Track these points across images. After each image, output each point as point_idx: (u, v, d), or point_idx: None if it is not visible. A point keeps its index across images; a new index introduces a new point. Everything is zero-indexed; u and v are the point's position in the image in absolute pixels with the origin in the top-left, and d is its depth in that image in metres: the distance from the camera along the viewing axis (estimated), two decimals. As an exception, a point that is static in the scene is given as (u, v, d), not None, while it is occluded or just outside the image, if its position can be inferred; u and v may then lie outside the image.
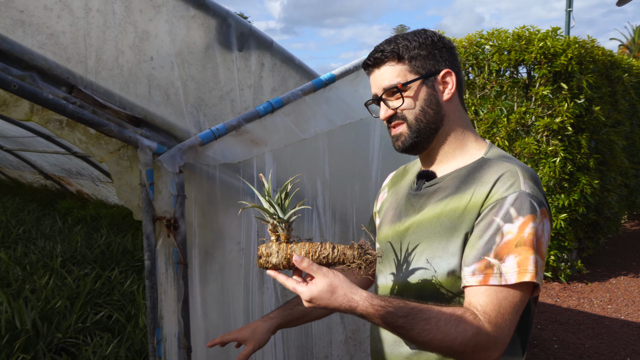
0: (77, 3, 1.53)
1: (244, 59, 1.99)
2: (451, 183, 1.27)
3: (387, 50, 1.27)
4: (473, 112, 5.73)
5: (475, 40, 5.76)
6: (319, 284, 1.11)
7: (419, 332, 1.10)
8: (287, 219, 1.17)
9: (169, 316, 1.79)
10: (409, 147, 1.30)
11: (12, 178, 9.37)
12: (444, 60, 1.29)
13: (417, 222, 1.29)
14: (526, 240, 1.12)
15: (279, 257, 1.16)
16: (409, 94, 1.27)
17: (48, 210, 6.97)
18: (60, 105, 1.48)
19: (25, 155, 7.39)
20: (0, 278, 4.19)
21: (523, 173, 1.19)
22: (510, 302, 1.12)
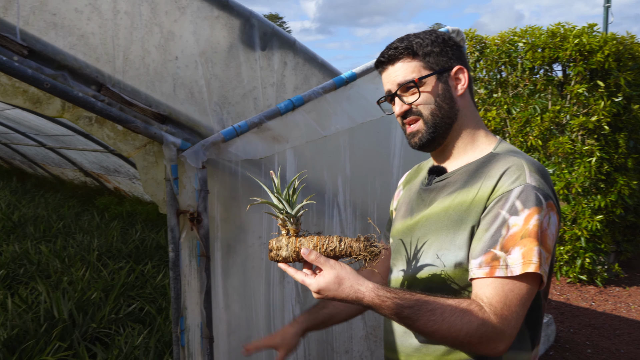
0: (106, 6, 1.61)
1: (267, 58, 2.04)
2: (460, 177, 1.29)
3: (401, 47, 1.30)
4: (505, 111, 5.63)
5: (508, 37, 5.67)
6: (327, 275, 1.14)
7: (424, 322, 1.12)
8: (295, 214, 1.20)
9: (192, 307, 1.85)
10: (426, 143, 1.32)
11: (54, 175, 9.74)
12: (455, 57, 1.33)
13: (426, 216, 1.31)
14: (531, 232, 1.13)
15: (289, 251, 1.19)
16: (425, 88, 1.29)
17: (87, 206, 7.23)
18: (89, 102, 1.56)
19: (66, 153, 7.68)
20: (41, 270, 4.38)
21: (529, 166, 1.20)
22: (516, 294, 1.12)
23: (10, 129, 7.41)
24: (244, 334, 1.99)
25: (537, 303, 1.25)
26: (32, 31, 1.48)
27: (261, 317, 2.01)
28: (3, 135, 8.49)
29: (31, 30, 1.48)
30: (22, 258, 4.65)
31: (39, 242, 5.15)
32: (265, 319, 2.02)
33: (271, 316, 2.03)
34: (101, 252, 4.81)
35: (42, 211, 6.47)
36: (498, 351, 1.14)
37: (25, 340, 3.08)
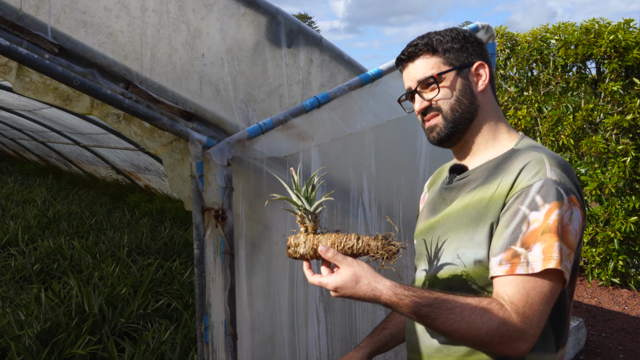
0: (134, 4, 1.63)
1: (293, 55, 2.03)
2: (480, 175, 1.27)
3: (421, 44, 1.30)
4: (536, 109, 5.51)
5: (540, 34, 5.54)
6: (344, 273, 1.13)
7: (443, 321, 1.10)
8: (313, 211, 1.19)
9: (216, 304, 1.86)
10: (444, 138, 1.31)
11: (88, 172, 9.98)
12: (476, 53, 1.32)
13: (447, 215, 1.30)
14: (551, 227, 1.09)
15: (306, 248, 1.19)
16: (444, 84, 1.28)
17: (118, 203, 7.38)
18: (117, 100, 1.58)
19: (99, 151, 7.87)
20: (73, 265, 4.49)
21: (550, 160, 1.17)
22: (538, 292, 1.09)
23: (47, 127, 7.62)
24: (268, 332, 1.99)
25: (562, 303, 1.21)
26: (62, 29, 1.51)
27: (285, 315, 2.01)
28: (40, 133, 8.75)
29: (62, 29, 1.51)
30: (56, 253, 4.77)
31: (72, 238, 5.28)
32: (288, 318, 2.02)
33: (295, 315, 2.03)
34: (131, 249, 4.90)
35: (76, 208, 6.63)
36: (521, 351, 1.10)
37: (58, 333, 3.15)
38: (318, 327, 2.09)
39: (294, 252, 1.21)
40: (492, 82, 1.33)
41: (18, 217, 6.01)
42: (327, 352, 2.11)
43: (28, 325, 3.18)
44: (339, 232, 1.20)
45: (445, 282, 1.25)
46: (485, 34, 2.26)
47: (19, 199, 7.24)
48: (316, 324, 2.08)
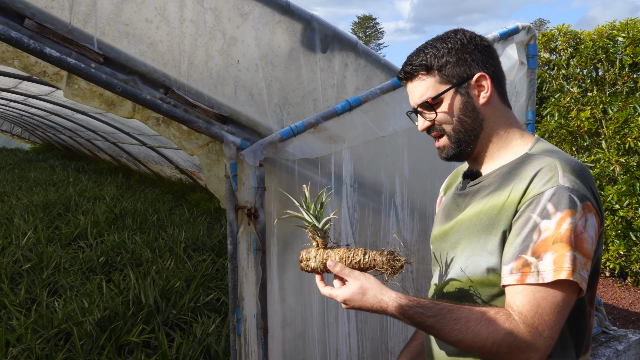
0: (173, 15, 1.75)
1: (327, 60, 2.09)
2: (493, 181, 1.25)
3: (416, 63, 1.26)
4: (601, 111, 5.25)
5: (606, 32, 5.28)
6: (351, 286, 1.17)
7: (448, 331, 1.11)
8: (322, 228, 1.25)
9: (249, 298, 1.95)
10: (452, 157, 1.30)
11: (154, 172, 10.52)
12: (475, 63, 1.25)
13: (460, 221, 1.29)
14: (563, 237, 1.07)
15: (317, 262, 1.24)
16: (442, 107, 1.25)
17: (180, 201, 7.73)
18: (156, 104, 1.70)
19: (163, 151, 8.28)
20: (135, 258, 4.78)
21: (563, 166, 1.13)
22: (549, 303, 1.07)
23: (116, 128, 8.12)
24: (299, 328, 2.05)
25: (581, 309, 1.19)
26: (107, 40, 1.65)
27: (316, 312, 2.07)
28: (111, 134, 9.32)
29: (106, 40, 1.65)
30: (120, 247, 5.09)
31: (135, 233, 5.61)
32: (319, 315, 2.08)
33: (325, 312, 2.08)
34: (187, 245, 5.14)
35: (141, 205, 7.02)
36: None
37: (115, 321, 3.38)
38: (348, 325, 2.13)
39: (306, 266, 1.27)
40: (498, 87, 1.27)
41: (88, 213, 6.45)
42: (357, 350, 2.15)
43: (89, 313, 3.43)
44: (349, 247, 1.25)
45: (459, 288, 1.25)
46: (526, 34, 2.22)
47: (90, 195, 7.76)
48: (347, 322, 2.13)
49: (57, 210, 6.77)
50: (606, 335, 3.72)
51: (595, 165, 5.05)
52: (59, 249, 5.11)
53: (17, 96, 8.37)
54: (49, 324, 3.40)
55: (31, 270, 4.50)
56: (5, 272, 4.39)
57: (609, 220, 4.90)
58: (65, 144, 15.28)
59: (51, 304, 3.81)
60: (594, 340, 3.66)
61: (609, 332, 3.71)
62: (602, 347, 3.61)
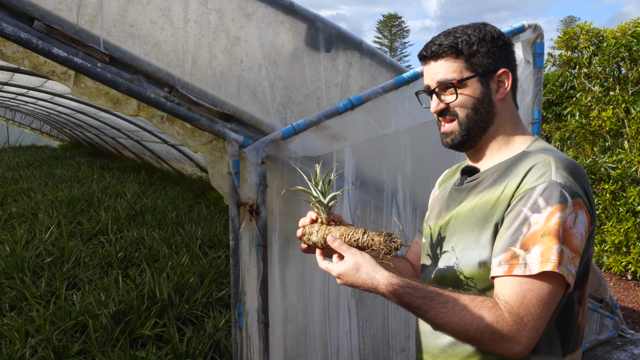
0: (177, 16, 1.80)
1: (331, 59, 2.11)
2: (490, 177, 1.27)
3: (446, 44, 1.26)
4: (623, 110, 5.14)
5: (629, 29, 5.17)
6: (347, 262, 1.21)
7: (435, 314, 1.13)
8: (327, 203, 1.28)
9: (251, 293, 1.99)
10: (457, 145, 1.31)
11: (176, 170, 10.68)
12: (502, 58, 1.27)
13: (455, 215, 1.31)
14: (551, 230, 1.09)
15: (318, 237, 1.29)
16: (464, 91, 1.26)
17: (200, 199, 7.84)
18: (160, 103, 1.75)
19: (185, 149, 8.40)
20: (152, 254, 4.88)
21: (557, 163, 1.15)
22: (535, 294, 1.09)
23: (139, 127, 8.28)
24: (301, 323, 2.08)
25: (569, 307, 1.19)
26: (113, 41, 1.70)
27: (317, 308, 2.10)
28: (135, 133, 9.51)
29: (112, 40, 1.70)
30: (138, 243, 5.20)
31: (154, 230, 5.72)
32: (321, 311, 2.10)
33: (327, 309, 2.11)
34: (203, 241, 5.22)
35: (161, 202, 7.14)
36: (515, 352, 1.11)
37: (130, 315, 3.47)
38: (350, 322, 2.15)
39: (308, 240, 1.31)
40: (514, 87, 1.31)
41: (110, 209, 6.60)
42: (358, 346, 2.17)
43: (105, 306, 3.53)
44: (349, 226, 1.28)
45: (451, 282, 1.27)
46: (532, 33, 2.20)
47: (112, 192, 7.93)
48: (348, 319, 2.15)
49: (80, 206, 6.95)
50: (622, 339, 3.65)
51: (617, 166, 4.95)
52: (80, 243, 5.25)
53: (44, 94, 8.62)
54: (66, 316, 3.51)
55: (52, 264, 4.63)
56: (28, 265, 4.53)
57: (631, 222, 4.80)
58: (91, 142, 15.64)
59: (70, 296, 3.93)
60: (610, 343, 3.60)
61: (625, 335, 3.65)
62: (618, 350, 3.55)
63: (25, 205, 6.98)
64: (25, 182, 9.30)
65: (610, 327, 3.60)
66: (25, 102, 11.09)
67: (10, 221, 6.36)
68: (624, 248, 4.94)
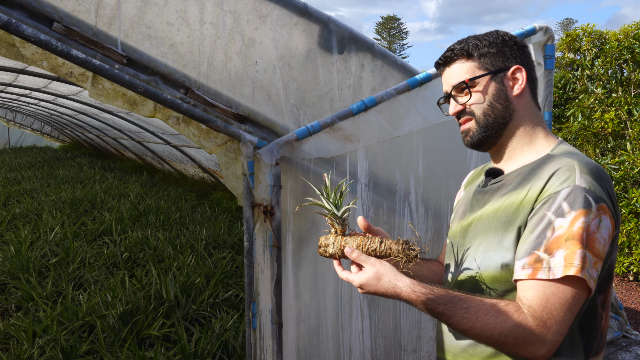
0: (193, 18, 1.81)
1: (344, 61, 2.13)
2: (514, 179, 1.28)
3: (457, 49, 1.32)
4: (626, 112, 5.16)
5: (632, 32, 5.19)
6: (367, 272, 1.23)
7: (458, 319, 1.14)
8: (341, 216, 1.30)
9: (264, 293, 2.00)
10: (477, 143, 1.33)
11: (178, 170, 10.69)
12: (514, 57, 1.31)
13: (478, 218, 1.32)
14: (575, 235, 1.10)
15: (335, 248, 1.30)
16: (477, 89, 1.29)
17: (203, 200, 7.85)
18: (176, 104, 1.76)
19: (187, 150, 8.41)
20: (157, 255, 4.88)
21: (581, 167, 1.16)
22: (559, 298, 1.10)
23: (141, 127, 8.28)
24: (314, 324, 2.09)
25: (592, 311, 1.20)
26: (130, 42, 1.71)
27: (330, 309, 2.11)
28: (136, 134, 9.52)
29: (130, 42, 1.71)
30: (143, 243, 5.21)
31: (158, 230, 5.72)
32: (333, 312, 2.11)
33: (339, 309, 2.12)
34: (208, 242, 5.22)
35: (164, 203, 7.15)
36: (538, 355, 1.12)
37: (137, 315, 3.48)
38: (362, 323, 2.16)
39: (324, 252, 1.32)
40: (531, 85, 1.33)
41: (113, 210, 6.61)
42: (370, 347, 2.18)
43: (113, 307, 3.53)
44: (366, 235, 1.30)
45: (473, 283, 1.28)
46: (543, 35, 2.22)
47: (115, 193, 7.94)
48: (360, 319, 2.16)
49: (83, 207, 6.95)
50: (627, 340, 3.66)
51: (619, 168, 4.97)
52: (84, 244, 5.26)
53: (47, 96, 8.62)
54: (73, 317, 3.51)
55: (58, 265, 4.64)
56: (34, 265, 4.54)
57: (633, 223, 4.82)
58: (92, 143, 15.63)
59: (76, 297, 3.93)
60: (614, 344, 3.61)
61: (629, 336, 3.66)
62: (622, 351, 3.56)
63: (29, 206, 6.98)
64: (27, 182, 9.30)
65: (615, 328, 3.61)
66: (28, 103, 11.09)
67: (14, 222, 6.36)
68: (626, 249, 4.95)
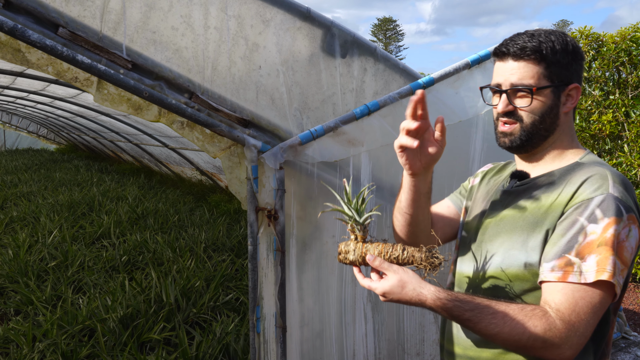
0: (198, 22, 1.81)
1: (347, 65, 2.13)
2: (541, 184, 1.29)
3: (530, 47, 1.25)
4: (623, 114, 5.19)
5: (629, 34, 5.22)
6: (390, 279, 1.22)
7: (485, 325, 1.15)
8: (363, 222, 1.28)
9: (268, 297, 2.00)
10: (515, 147, 1.31)
11: (175, 173, 10.67)
12: (576, 73, 1.29)
13: (502, 217, 1.32)
14: (607, 241, 1.12)
15: (355, 255, 1.29)
16: (538, 97, 1.26)
17: (201, 202, 7.84)
18: (180, 109, 1.77)
19: (185, 153, 8.41)
20: (156, 258, 4.87)
21: (613, 177, 1.18)
22: (587, 302, 1.12)
23: (139, 130, 8.27)
24: (317, 327, 2.10)
25: (605, 317, 1.22)
26: (135, 47, 1.72)
27: (333, 312, 2.11)
28: (134, 136, 9.50)
29: (135, 47, 1.71)
30: (142, 246, 5.20)
31: (157, 233, 5.71)
32: (337, 315, 2.11)
33: (343, 313, 2.12)
34: (207, 245, 5.22)
35: (162, 205, 7.14)
36: (564, 357, 1.13)
37: (137, 319, 3.47)
38: (365, 326, 2.17)
39: (344, 259, 1.31)
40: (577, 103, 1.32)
41: (111, 213, 6.59)
42: (374, 351, 2.18)
43: (113, 310, 3.53)
44: (386, 242, 1.29)
45: (492, 280, 1.29)
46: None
47: (113, 195, 7.92)
48: (364, 323, 2.16)
49: (81, 210, 6.93)
50: (626, 341, 3.68)
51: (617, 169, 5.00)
52: (83, 247, 5.24)
53: (45, 98, 8.60)
54: (73, 321, 3.50)
55: (57, 268, 4.63)
56: (32, 269, 4.52)
57: (631, 225, 4.84)
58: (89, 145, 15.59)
59: (76, 301, 3.92)
60: (614, 345, 3.62)
61: (629, 337, 3.68)
62: (622, 352, 3.58)
63: (26, 209, 6.96)
64: (24, 185, 9.27)
65: (615, 329, 3.63)
66: (24, 105, 11.05)
67: (11, 225, 6.33)
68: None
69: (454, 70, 2.14)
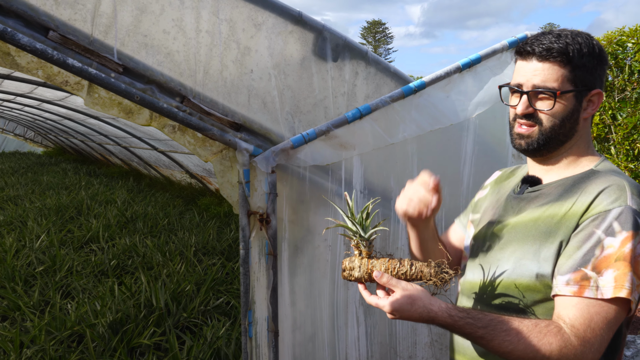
0: (189, 26, 1.80)
1: (338, 69, 2.14)
2: (554, 191, 1.26)
3: (556, 49, 1.20)
4: (610, 117, 5.25)
5: (615, 38, 5.29)
6: (399, 296, 1.17)
7: (499, 343, 1.12)
8: (368, 237, 1.25)
9: (260, 302, 1.99)
10: (531, 151, 1.28)
11: (165, 176, 10.61)
12: (599, 78, 1.25)
13: (513, 224, 1.30)
14: (625, 256, 1.09)
15: (361, 272, 1.24)
16: (561, 101, 1.22)
17: (190, 205, 7.80)
18: (172, 112, 1.76)
19: (174, 156, 8.37)
20: (145, 262, 4.84)
21: (631, 188, 1.15)
22: (602, 318, 1.10)
23: (128, 133, 8.22)
24: (309, 331, 2.09)
25: (618, 331, 1.21)
26: (126, 51, 1.71)
27: (326, 316, 2.11)
28: (123, 139, 9.43)
29: (126, 50, 1.70)
30: (131, 250, 5.16)
31: (146, 237, 5.67)
32: (329, 319, 2.11)
33: (335, 316, 2.12)
34: (198, 249, 5.19)
35: (151, 209, 7.09)
36: None
37: (127, 324, 3.44)
38: (358, 330, 2.17)
39: (349, 275, 1.26)
40: None
41: (100, 216, 6.53)
42: (366, 354, 2.18)
43: (102, 315, 3.49)
44: (392, 257, 1.26)
45: (502, 289, 1.26)
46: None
47: (102, 199, 7.86)
48: (356, 326, 2.16)
49: (69, 214, 6.86)
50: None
51: (604, 172, 5.05)
52: (71, 252, 5.19)
53: (32, 101, 8.51)
54: (62, 326, 3.46)
55: (44, 273, 4.57)
56: (20, 274, 4.46)
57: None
58: (77, 148, 15.45)
59: (64, 306, 3.88)
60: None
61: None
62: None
63: (13, 213, 6.87)
64: (11, 189, 9.16)
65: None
66: (11, 108, 10.94)
67: (-2, 229, 6.26)
68: None
69: (445, 73, 2.15)
